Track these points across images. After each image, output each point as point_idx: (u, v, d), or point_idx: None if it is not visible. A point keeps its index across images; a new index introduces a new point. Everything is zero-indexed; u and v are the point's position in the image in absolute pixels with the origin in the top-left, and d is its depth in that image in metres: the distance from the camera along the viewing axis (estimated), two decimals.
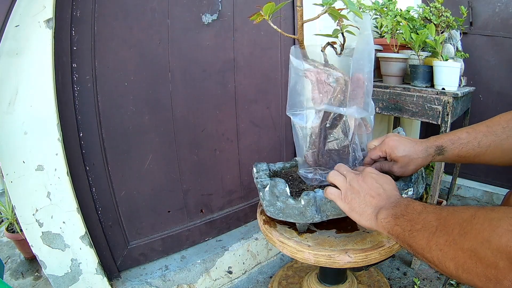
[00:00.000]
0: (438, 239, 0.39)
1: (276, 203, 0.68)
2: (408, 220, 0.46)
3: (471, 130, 0.63)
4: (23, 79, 0.72)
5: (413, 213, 0.46)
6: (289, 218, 0.68)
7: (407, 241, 0.45)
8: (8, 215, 1.30)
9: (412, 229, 0.44)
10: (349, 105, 0.66)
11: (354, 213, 0.56)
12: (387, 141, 0.68)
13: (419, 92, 1.21)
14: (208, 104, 1.11)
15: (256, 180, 0.73)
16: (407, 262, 1.34)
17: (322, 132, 0.70)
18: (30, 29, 0.71)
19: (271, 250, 1.34)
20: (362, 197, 0.56)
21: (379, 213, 0.52)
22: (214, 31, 1.07)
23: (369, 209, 0.55)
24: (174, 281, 1.06)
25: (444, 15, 1.26)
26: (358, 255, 0.65)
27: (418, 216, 0.45)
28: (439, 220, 0.41)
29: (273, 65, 1.27)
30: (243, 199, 1.32)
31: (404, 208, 0.48)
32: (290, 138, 1.40)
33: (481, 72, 1.71)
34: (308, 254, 0.66)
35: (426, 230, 0.42)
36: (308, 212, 0.65)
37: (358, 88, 0.66)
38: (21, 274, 1.24)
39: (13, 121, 0.72)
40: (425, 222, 0.43)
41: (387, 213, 0.50)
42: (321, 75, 0.65)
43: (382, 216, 0.51)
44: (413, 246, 0.44)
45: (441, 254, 0.39)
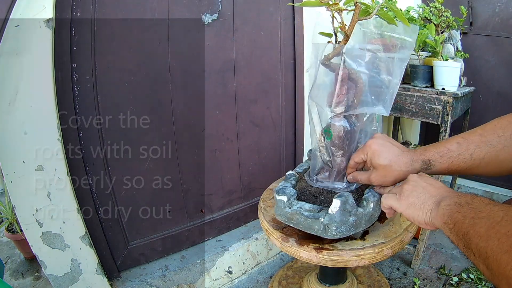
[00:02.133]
0: (501, 228, 0.37)
1: (348, 219, 0.62)
2: (473, 208, 0.42)
3: (463, 140, 0.56)
4: (23, 79, 0.72)
5: (479, 203, 0.43)
6: (359, 228, 0.64)
7: (465, 229, 0.41)
8: (8, 215, 1.30)
9: (475, 216, 0.41)
10: (373, 105, 0.65)
11: (412, 208, 0.52)
12: (370, 143, 0.63)
13: (419, 92, 1.21)
14: (208, 104, 1.11)
15: (300, 211, 0.64)
16: (407, 262, 1.33)
17: (348, 134, 0.67)
18: (30, 29, 0.71)
19: (271, 250, 1.34)
20: (421, 190, 0.52)
21: (442, 201, 0.48)
22: (214, 31, 1.07)
23: (430, 199, 0.50)
24: (174, 281, 1.06)
25: (444, 15, 1.26)
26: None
27: (485, 206, 0.42)
28: (506, 211, 0.38)
29: (273, 65, 1.27)
30: (243, 199, 1.32)
31: (470, 198, 0.45)
32: (290, 138, 1.40)
33: (481, 72, 1.71)
34: (387, 250, 0.66)
35: (490, 218, 0.39)
36: (376, 212, 0.64)
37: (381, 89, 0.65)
38: (21, 274, 1.24)
39: (13, 121, 0.72)
40: (491, 211, 0.40)
41: (451, 201, 0.46)
42: (344, 74, 0.63)
43: (445, 203, 0.47)
44: (469, 234, 0.40)
45: (498, 244, 0.36)
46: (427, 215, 0.50)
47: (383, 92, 0.65)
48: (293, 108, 1.36)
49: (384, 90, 0.65)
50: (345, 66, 0.61)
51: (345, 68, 0.61)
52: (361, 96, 0.64)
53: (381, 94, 0.65)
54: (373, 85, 0.64)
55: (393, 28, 0.63)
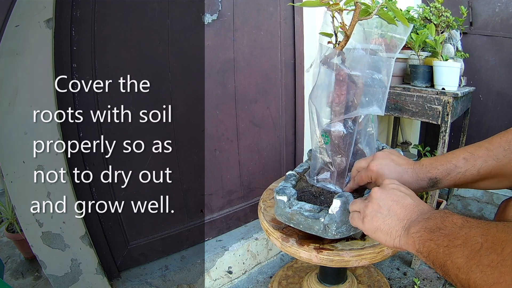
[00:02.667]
0: (482, 258, 0.33)
1: (349, 219, 0.61)
2: (446, 235, 0.39)
3: (469, 155, 0.55)
4: (23, 79, 0.72)
5: (452, 227, 0.39)
6: (359, 229, 0.64)
7: (440, 259, 0.38)
8: (8, 215, 1.30)
9: (450, 244, 0.37)
10: (367, 106, 0.64)
11: (379, 233, 0.48)
12: (372, 166, 0.61)
13: (419, 92, 1.21)
14: (208, 104, 1.11)
15: (300, 211, 0.64)
16: (407, 262, 1.34)
17: (346, 138, 0.67)
18: (30, 29, 0.71)
19: (271, 250, 1.34)
20: (386, 211, 0.48)
21: (411, 228, 0.44)
22: (214, 31, 1.07)
23: (398, 223, 0.46)
24: (174, 281, 1.06)
25: (444, 15, 1.26)
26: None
27: (459, 230, 0.38)
28: (485, 236, 0.35)
29: (273, 65, 1.27)
30: (243, 199, 1.32)
31: (441, 221, 0.41)
32: (290, 138, 1.40)
33: (481, 72, 1.71)
34: (387, 250, 0.65)
35: (467, 246, 0.35)
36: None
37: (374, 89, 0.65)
38: (21, 274, 1.24)
39: (13, 121, 0.72)
40: (467, 237, 0.36)
41: (420, 226, 0.42)
42: (344, 75, 0.63)
43: (414, 230, 0.43)
44: (447, 265, 0.37)
45: (481, 276, 0.33)
46: (396, 241, 0.47)
47: (377, 92, 0.65)
48: (293, 108, 1.36)
49: (377, 90, 0.65)
50: (345, 67, 0.61)
51: (342, 68, 0.61)
52: (361, 97, 0.64)
53: (374, 94, 0.65)
54: (367, 85, 0.65)
55: (393, 28, 0.63)
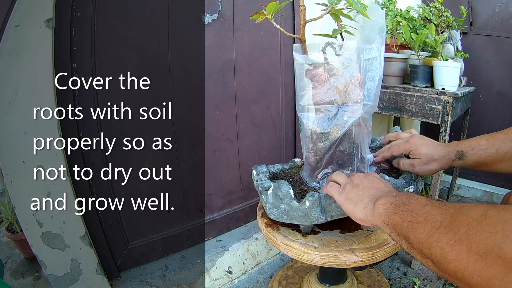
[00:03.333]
0: (441, 236, 0.35)
1: (280, 205, 0.67)
2: (410, 210, 0.42)
3: (490, 137, 0.64)
4: (23, 79, 0.72)
5: (416, 204, 0.42)
6: (293, 220, 0.67)
7: (405, 232, 0.41)
8: (8, 215, 1.30)
9: (413, 220, 0.40)
10: (348, 103, 0.66)
11: (348, 203, 0.55)
12: (412, 140, 0.70)
13: (419, 92, 1.21)
14: (208, 104, 1.11)
15: (257, 183, 0.72)
16: (407, 262, 1.33)
17: (324, 134, 0.69)
18: (30, 29, 0.71)
19: (271, 250, 1.34)
20: (361, 189, 0.55)
21: (378, 200, 0.49)
22: (214, 31, 1.07)
23: (366, 198, 0.53)
24: (174, 281, 1.06)
25: (444, 15, 1.26)
26: (364, 254, 0.65)
27: (422, 208, 0.41)
28: (444, 215, 0.37)
29: (273, 65, 1.27)
30: (243, 199, 1.32)
31: (406, 198, 0.45)
32: (290, 138, 1.40)
33: (481, 72, 1.71)
34: (315, 256, 0.65)
35: (428, 223, 0.38)
36: (313, 213, 0.65)
37: (356, 87, 0.66)
38: (21, 274, 1.24)
39: (13, 121, 0.72)
40: (429, 215, 0.39)
41: (387, 200, 0.47)
42: (321, 74, 0.65)
43: (381, 203, 0.48)
44: (410, 240, 0.40)
45: (441, 253, 0.35)
46: (363, 212, 0.52)
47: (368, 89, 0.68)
48: (293, 108, 1.36)
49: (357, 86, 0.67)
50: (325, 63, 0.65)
51: (315, 64, 0.66)
52: (350, 94, 0.66)
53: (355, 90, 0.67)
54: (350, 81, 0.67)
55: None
